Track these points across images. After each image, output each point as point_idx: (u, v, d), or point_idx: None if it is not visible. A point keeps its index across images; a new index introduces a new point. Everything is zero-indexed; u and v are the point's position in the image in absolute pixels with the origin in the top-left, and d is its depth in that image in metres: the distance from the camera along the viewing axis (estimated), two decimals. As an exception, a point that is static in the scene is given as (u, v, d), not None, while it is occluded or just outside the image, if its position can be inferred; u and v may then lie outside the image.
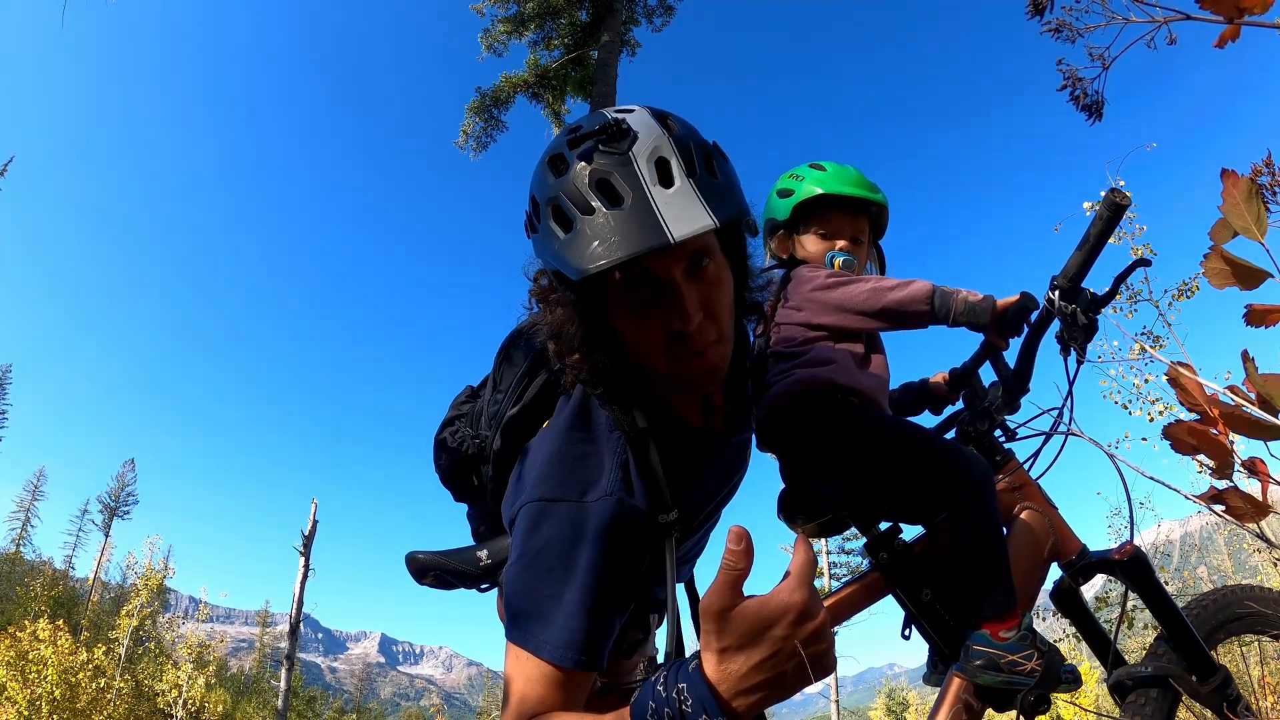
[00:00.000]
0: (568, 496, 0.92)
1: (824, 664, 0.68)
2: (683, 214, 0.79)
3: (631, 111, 0.88)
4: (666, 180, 0.81)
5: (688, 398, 1.05)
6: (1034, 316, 1.34)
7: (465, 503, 1.29)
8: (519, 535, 0.94)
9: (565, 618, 0.86)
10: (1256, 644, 1.53)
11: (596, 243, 0.80)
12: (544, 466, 0.96)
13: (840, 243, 1.54)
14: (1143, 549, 1.39)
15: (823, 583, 23.39)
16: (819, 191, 1.52)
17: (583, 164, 0.83)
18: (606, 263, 0.78)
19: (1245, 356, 0.81)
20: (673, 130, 0.86)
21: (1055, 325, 1.31)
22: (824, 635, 0.68)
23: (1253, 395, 0.81)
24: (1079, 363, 1.31)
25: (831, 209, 1.54)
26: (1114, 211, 1.26)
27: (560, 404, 1.03)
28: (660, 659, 1.10)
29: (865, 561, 1.42)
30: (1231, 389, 0.84)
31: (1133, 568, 1.31)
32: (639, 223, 0.79)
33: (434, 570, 1.21)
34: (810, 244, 1.55)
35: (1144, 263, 1.35)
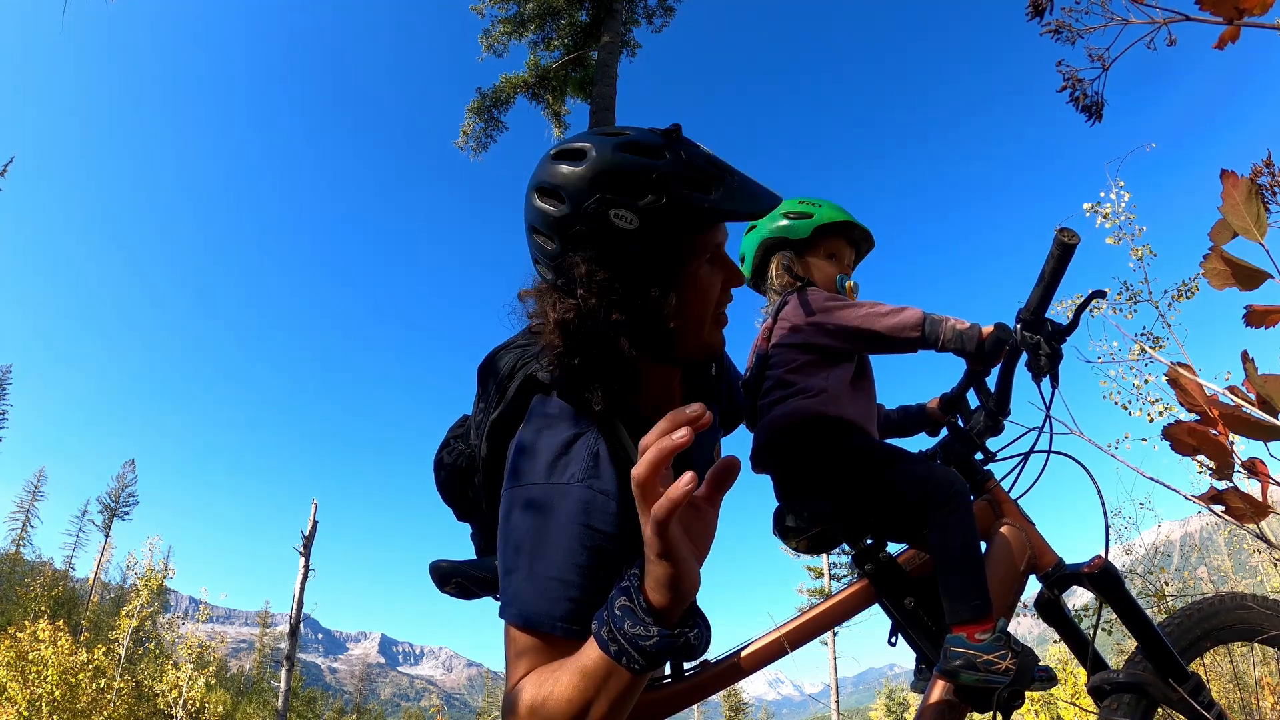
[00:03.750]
0: (535, 480, 0.97)
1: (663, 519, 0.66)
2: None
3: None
4: None
5: (653, 392, 1.10)
6: (1008, 346, 1.43)
7: (466, 521, 1.32)
8: (499, 523, 0.99)
9: (544, 588, 0.90)
10: (1257, 645, 1.54)
11: (742, 197, 0.98)
12: (515, 458, 1.02)
13: (847, 268, 1.72)
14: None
15: (822, 583, 23.41)
16: (842, 218, 1.68)
17: (687, 148, 0.99)
18: (763, 209, 0.99)
19: (1245, 357, 0.81)
20: None
21: (1026, 355, 1.40)
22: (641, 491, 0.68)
23: (1252, 396, 0.81)
24: (1053, 387, 1.40)
25: (838, 237, 1.71)
26: (1063, 250, 1.35)
27: (533, 403, 1.07)
28: None
29: (854, 572, 1.50)
30: (1231, 390, 0.84)
31: (1102, 580, 1.37)
32: (758, 186, 1.01)
33: (456, 578, 1.24)
34: (822, 265, 1.69)
35: (1100, 294, 1.48)
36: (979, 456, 1.54)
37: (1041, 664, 1.27)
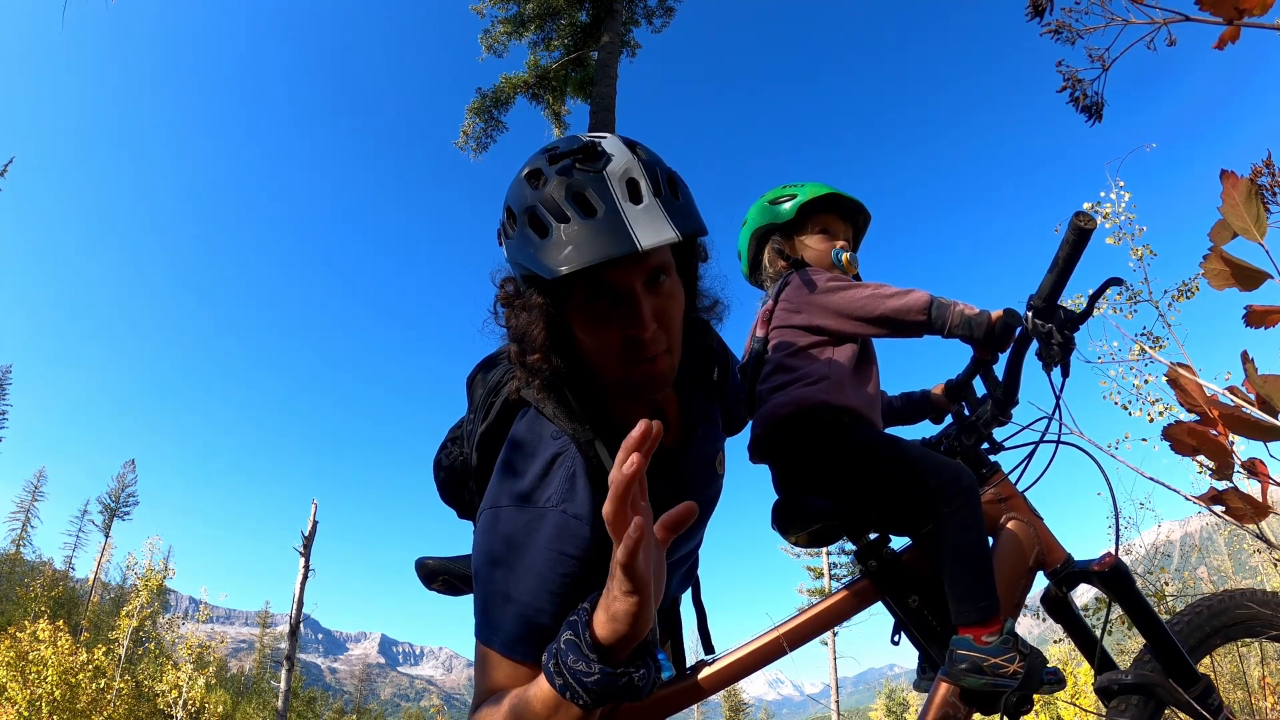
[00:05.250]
0: (511, 503, 0.99)
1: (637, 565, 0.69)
2: (650, 227, 0.86)
3: (605, 137, 0.95)
4: (636, 197, 0.89)
5: (637, 408, 1.09)
6: (1018, 332, 1.39)
7: (468, 519, 1.32)
8: (475, 541, 1.01)
9: (512, 615, 0.93)
10: (1258, 645, 1.53)
11: (571, 247, 0.87)
12: (494, 478, 1.03)
13: (840, 241, 1.64)
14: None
15: (823, 583, 23.39)
16: (825, 192, 1.62)
17: (560, 179, 0.90)
18: (580, 264, 0.85)
19: (1245, 357, 0.81)
20: (641, 156, 0.93)
21: (1036, 343, 1.36)
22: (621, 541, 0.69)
23: (1252, 396, 0.81)
24: (1063, 377, 1.36)
25: (829, 212, 1.65)
26: (1079, 235, 1.30)
27: (517, 417, 1.08)
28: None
29: (856, 569, 1.46)
30: (1231, 390, 0.84)
31: (1112, 578, 1.34)
32: (610, 232, 0.86)
33: (443, 575, 1.24)
34: (814, 243, 1.64)
35: (1117, 281, 1.41)
36: (985, 447, 1.50)
37: (1049, 666, 1.24)
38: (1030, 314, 1.34)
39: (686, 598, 1.46)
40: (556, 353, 0.99)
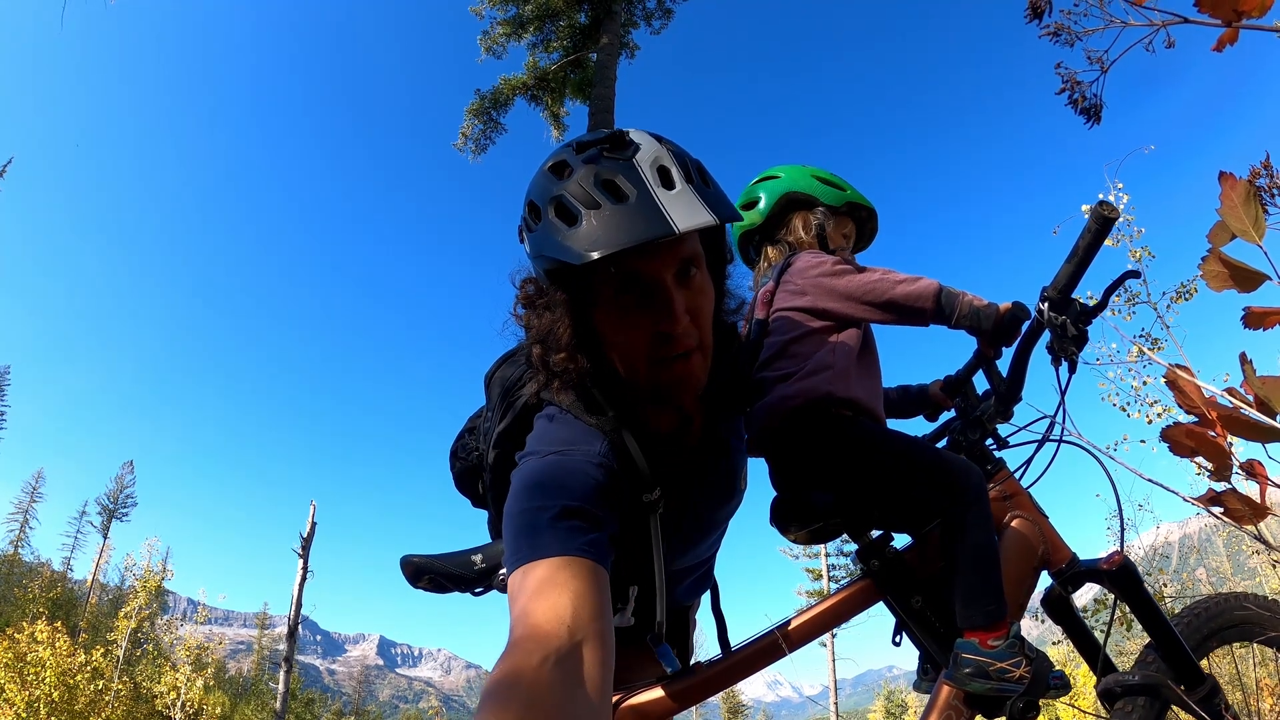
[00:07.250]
0: (550, 450, 0.95)
1: None
2: (685, 210, 0.84)
3: (631, 130, 0.93)
4: (668, 184, 0.86)
5: (664, 413, 1.07)
6: (1025, 326, 1.36)
7: (481, 508, 1.32)
8: (510, 491, 0.93)
9: (553, 524, 0.83)
10: (1257, 646, 1.52)
11: (602, 232, 0.83)
12: (532, 435, 1.01)
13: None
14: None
15: (821, 584, 23.38)
16: (869, 205, 1.65)
17: (588, 167, 0.87)
18: (615, 247, 0.82)
19: (1243, 359, 0.81)
20: (669, 147, 0.91)
21: (1047, 335, 1.33)
22: None
23: (1251, 397, 0.81)
24: (1070, 372, 1.33)
25: (858, 222, 1.68)
26: (1102, 224, 1.27)
27: (538, 416, 1.06)
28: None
29: (857, 568, 1.43)
30: (1230, 391, 0.84)
31: (1120, 577, 1.32)
32: (644, 215, 0.83)
33: (429, 573, 1.23)
34: (840, 244, 1.64)
35: (1133, 274, 1.38)
36: (990, 443, 1.47)
37: (1055, 670, 1.21)
38: (1045, 305, 1.30)
39: (706, 603, 1.44)
40: (583, 352, 0.95)
